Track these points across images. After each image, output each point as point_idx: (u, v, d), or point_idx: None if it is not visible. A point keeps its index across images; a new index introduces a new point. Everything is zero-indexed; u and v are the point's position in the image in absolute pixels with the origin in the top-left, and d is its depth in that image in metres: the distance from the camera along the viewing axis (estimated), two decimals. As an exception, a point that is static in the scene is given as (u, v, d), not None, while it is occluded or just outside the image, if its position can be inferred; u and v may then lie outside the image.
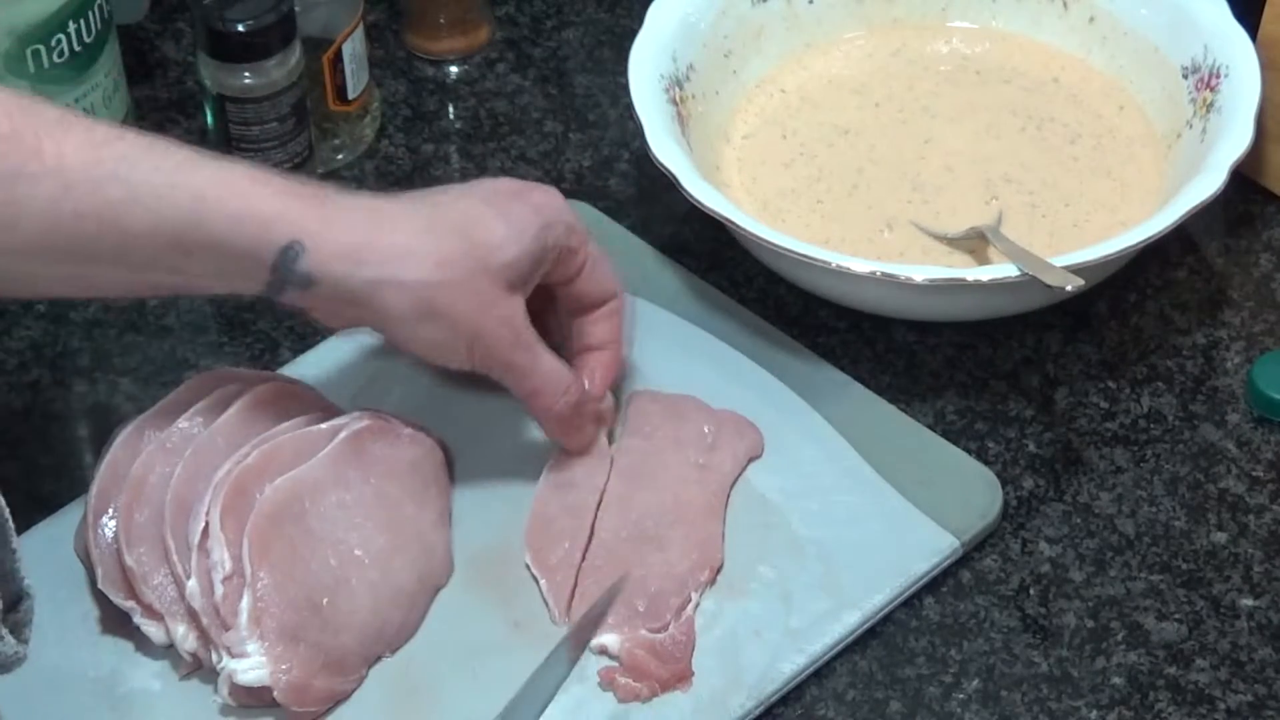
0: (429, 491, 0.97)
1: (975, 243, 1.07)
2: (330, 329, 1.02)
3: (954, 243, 1.08)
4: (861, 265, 1.00)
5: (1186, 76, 1.11)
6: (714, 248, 1.11)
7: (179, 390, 0.97)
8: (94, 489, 0.94)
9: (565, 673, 0.88)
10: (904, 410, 1.03)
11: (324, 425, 0.96)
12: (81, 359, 1.08)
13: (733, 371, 1.04)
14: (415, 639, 0.94)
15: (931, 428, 1.02)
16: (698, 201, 1.02)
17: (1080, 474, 1.01)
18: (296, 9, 1.09)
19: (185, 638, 0.91)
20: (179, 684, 0.92)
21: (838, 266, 1.00)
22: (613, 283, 0.98)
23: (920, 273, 1.00)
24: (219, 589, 0.89)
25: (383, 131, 1.19)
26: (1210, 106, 1.08)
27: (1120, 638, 0.94)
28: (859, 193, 1.11)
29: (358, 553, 0.93)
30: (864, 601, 0.94)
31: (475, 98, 1.22)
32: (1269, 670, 0.93)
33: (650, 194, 1.14)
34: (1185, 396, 1.05)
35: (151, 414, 0.96)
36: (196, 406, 0.96)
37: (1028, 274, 0.99)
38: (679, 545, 0.96)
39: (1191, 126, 1.09)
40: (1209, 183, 1.02)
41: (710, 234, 1.10)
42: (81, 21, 1.08)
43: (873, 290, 1.03)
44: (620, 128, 1.19)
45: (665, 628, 0.92)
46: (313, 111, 1.13)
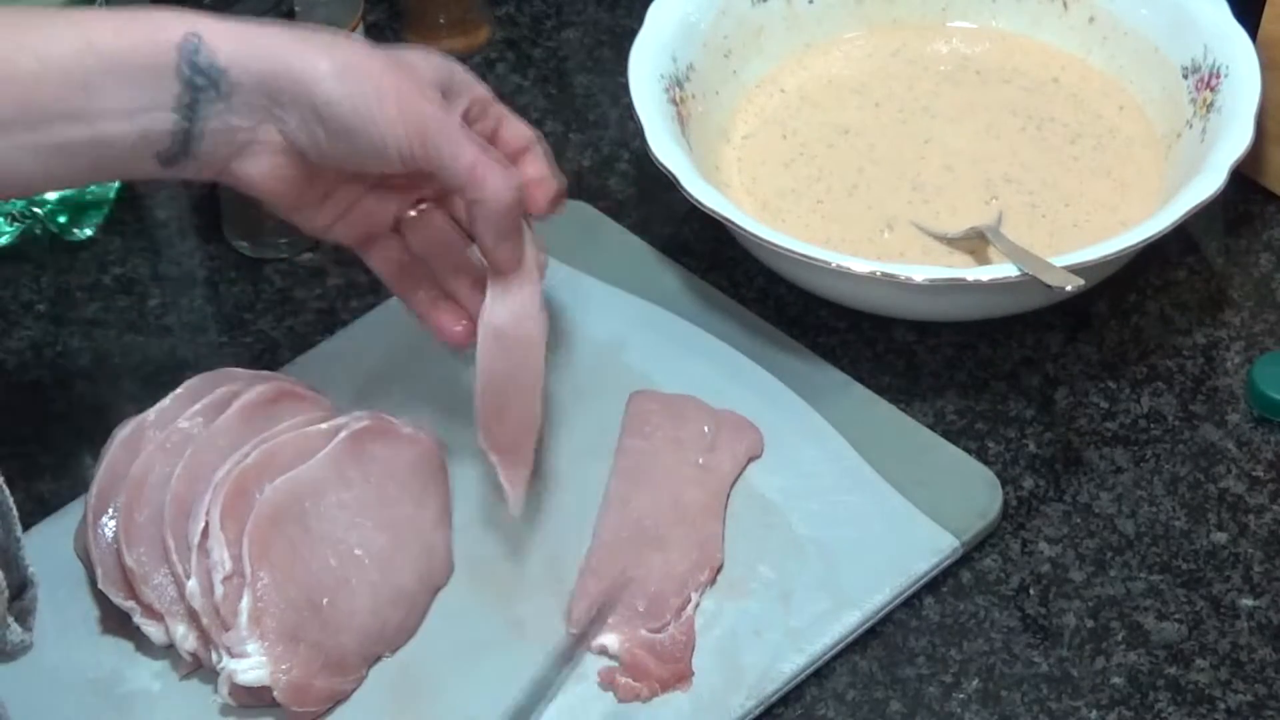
0: (429, 491, 0.97)
1: (975, 243, 1.07)
2: (279, 215, 0.94)
3: (954, 243, 1.08)
4: (861, 265, 1.00)
5: (1186, 76, 1.11)
6: (714, 248, 1.11)
7: (179, 390, 0.97)
8: (94, 489, 0.94)
9: (565, 673, 0.88)
10: (904, 410, 1.03)
11: (324, 425, 0.96)
12: (81, 359, 1.08)
13: (733, 371, 1.04)
14: (415, 639, 0.94)
15: (931, 428, 1.02)
16: (698, 201, 1.02)
17: (1080, 474, 1.01)
18: (296, 9, 1.09)
19: (185, 638, 0.91)
20: (179, 684, 0.92)
21: (838, 266, 1.00)
22: (528, 128, 0.95)
23: (920, 273, 1.00)
24: (219, 589, 0.89)
25: (383, 131, 1.19)
26: (1210, 106, 1.08)
27: (1120, 638, 0.95)
28: (859, 193, 1.11)
29: (358, 553, 0.93)
30: (864, 601, 0.94)
31: (475, 98, 1.22)
32: (1269, 670, 0.93)
33: (650, 194, 1.15)
34: (1185, 396, 1.05)
35: (151, 414, 0.96)
36: (196, 406, 0.96)
37: (1028, 274, 0.99)
38: (679, 545, 0.96)
39: (1191, 126, 1.09)
40: (1209, 183, 1.02)
41: (710, 234, 1.10)
42: (81, 21, 1.08)
43: (873, 290, 1.03)
44: (620, 128, 1.19)
45: (665, 628, 0.92)
46: (313, 111, 1.13)
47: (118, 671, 0.93)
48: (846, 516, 0.97)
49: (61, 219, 1.12)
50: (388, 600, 0.93)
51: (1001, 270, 1.00)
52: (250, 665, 0.88)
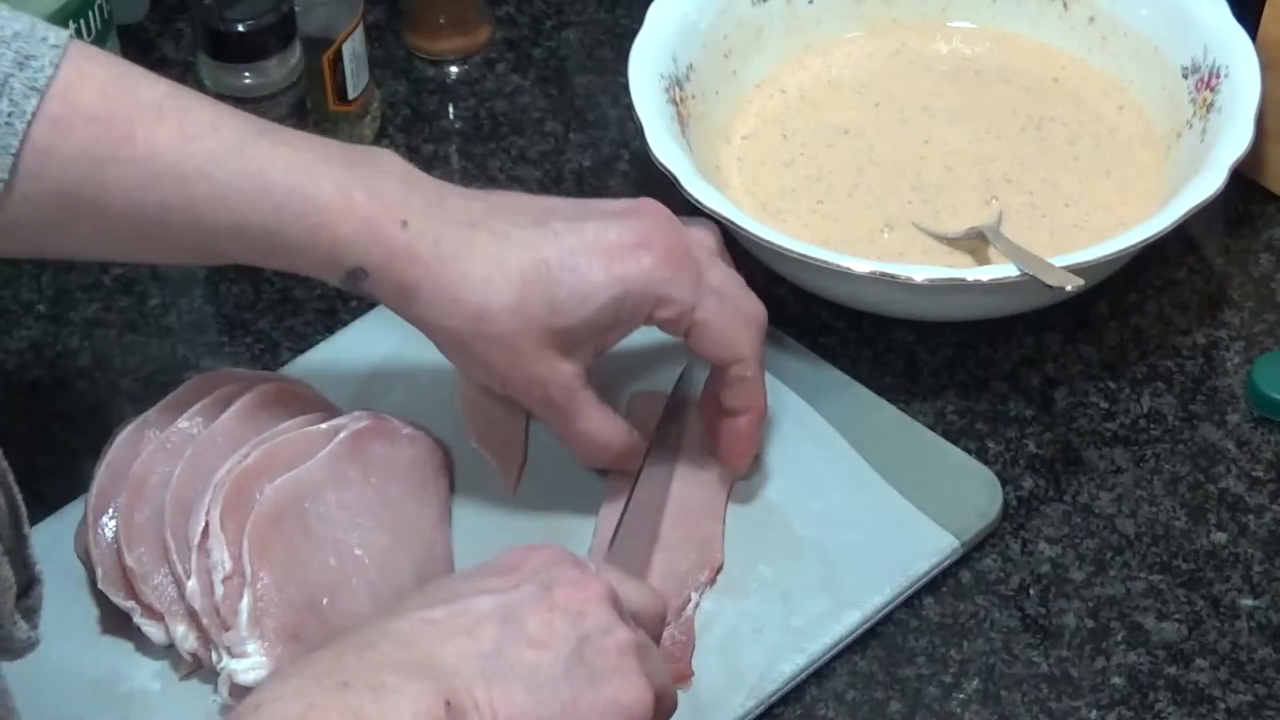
0: (429, 491, 0.97)
1: (975, 243, 1.07)
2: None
3: (954, 243, 1.08)
4: (861, 265, 1.00)
5: (1186, 76, 1.11)
6: (714, 248, 1.11)
7: (179, 390, 0.97)
8: (94, 489, 0.94)
9: None
10: (904, 410, 1.03)
11: (324, 425, 0.96)
12: (81, 359, 1.08)
13: (733, 371, 1.04)
14: (415, 639, 0.94)
15: (931, 428, 1.02)
16: (698, 201, 1.02)
17: (1080, 474, 1.01)
18: (296, 9, 1.09)
19: (185, 638, 0.91)
20: (179, 684, 0.92)
21: (838, 266, 1.00)
22: (735, 349, 0.93)
23: (920, 273, 1.00)
24: (219, 589, 0.89)
25: (383, 131, 1.19)
26: (1210, 106, 1.08)
27: (1120, 638, 0.94)
28: (859, 193, 1.11)
29: (358, 552, 0.93)
30: (864, 601, 0.94)
31: (475, 98, 1.22)
32: (1269, 670, 0.93)
33: (650, 194, 1.14)
34: (1185, 396, 1.05)
35: (151, 414, 0.96)
36: (196, 406, 0.96)
37: (1028, 274, 0.99)
38: (679, 545, 0.96)
39: (1191, 126, 1.09)
40: (1209, 183, 1.02)
41: (710, 234, 1.10)
42: (82, 21, 1.08)
43: (873, 290, 1.03)
44: (620, 128, 1.19)
45: (665, 628, 0.92)
46: (313, 111, 1.13)
47: (118, 671, 0.92)
48: (846, 517, 0.97)
49: (61, 219, 1.12)
50: (388, 600, 0.93)
51: (1001, 270, 1.00)
52: (250, 665, 0.88)
